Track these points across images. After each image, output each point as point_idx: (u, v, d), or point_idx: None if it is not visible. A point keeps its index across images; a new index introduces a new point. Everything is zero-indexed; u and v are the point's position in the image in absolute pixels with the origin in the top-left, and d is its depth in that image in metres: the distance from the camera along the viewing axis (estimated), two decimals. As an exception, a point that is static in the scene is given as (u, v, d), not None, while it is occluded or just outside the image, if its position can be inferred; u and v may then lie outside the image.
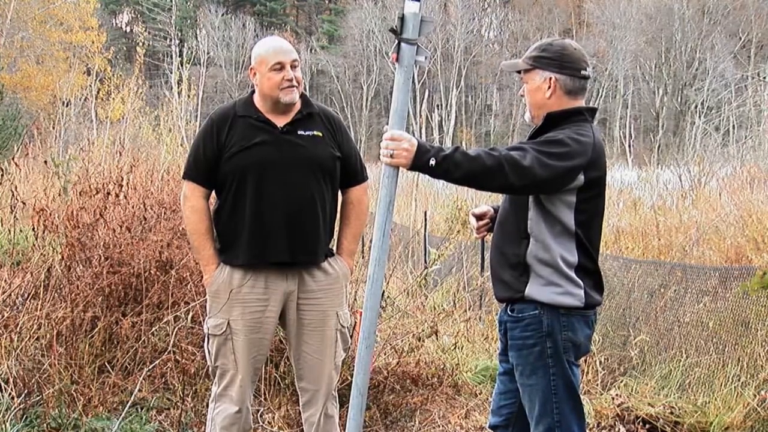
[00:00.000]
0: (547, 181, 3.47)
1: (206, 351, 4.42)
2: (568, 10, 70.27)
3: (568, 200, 3.59)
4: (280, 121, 4.28)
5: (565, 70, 3.72)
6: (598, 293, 3.73)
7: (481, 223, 4.08)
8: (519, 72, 3.84)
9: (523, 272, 3.65)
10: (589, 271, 3.66)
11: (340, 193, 4.53)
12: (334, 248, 4.54)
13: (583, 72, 3.74)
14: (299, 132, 4.29)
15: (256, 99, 4.34)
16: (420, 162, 3.40)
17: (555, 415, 3.67)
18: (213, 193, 4.40)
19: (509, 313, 3.75)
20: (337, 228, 4.61)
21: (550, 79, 3.70)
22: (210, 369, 4.45)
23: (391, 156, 3.43)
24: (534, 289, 3.62)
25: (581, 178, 3.57)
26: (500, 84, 63.03)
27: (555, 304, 3.60)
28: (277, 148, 4.23)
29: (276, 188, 4.20)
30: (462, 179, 3.46)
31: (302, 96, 4.34)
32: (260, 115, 4.28)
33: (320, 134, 4.33)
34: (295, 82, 4.24)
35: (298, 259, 4.28)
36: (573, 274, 3.61)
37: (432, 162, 3.39)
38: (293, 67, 4.25)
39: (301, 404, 4.53)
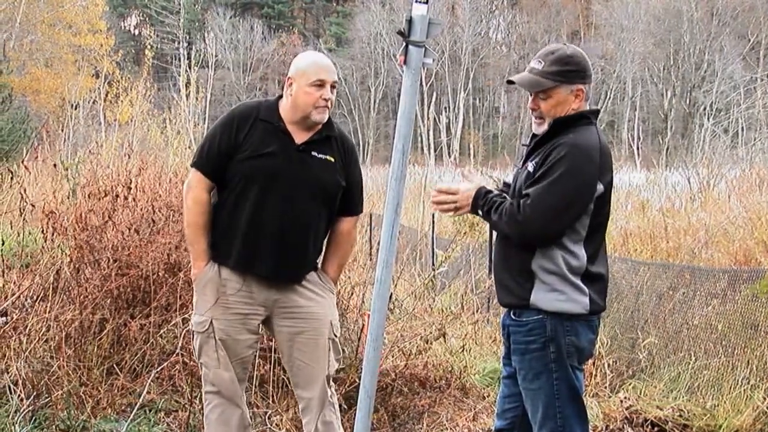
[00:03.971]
0: (549, 221, 3.56)
1: (192, 347, 4.43)
2: (576, 12, 70.23)
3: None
4: (300, 137, 4.24)
5: (588, 79, 3.72)
6: (602, 299, 3.71)
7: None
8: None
9: (527, 279, 3.63)
10: (595, 277, 3.64)
11: None
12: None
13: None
14: (313, 153, 4.25)
15: (282, 106, 4.29)
16: (473, 210, 3.76)
17: (558, 419, 3.66)
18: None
19: (512, 317, 3.74)
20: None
21: (579, 89, 3.69)
22: (198, 365, 4.46)
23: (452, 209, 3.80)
24: (538, 297, 3.61)
25: (600, 187, 3.60)
26: (508, 86, 62.95)
27: (559, 312, 3.59)
28: (288, 164, 4.20)
29: (276, 203, 4.18)
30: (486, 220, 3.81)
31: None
32: (281, 124, 4.24)
33: (332, 160, 4.30)
34: (329, 104, 4.22)
35: (279, 277, 4.26)
36: (579, 281, 3.59)
37: (480, 213, 3.73)
38: (332, 87, 4.23)
39: (300, 410, 4.52)
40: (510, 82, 3.83)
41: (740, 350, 6.43)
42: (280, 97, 4.34)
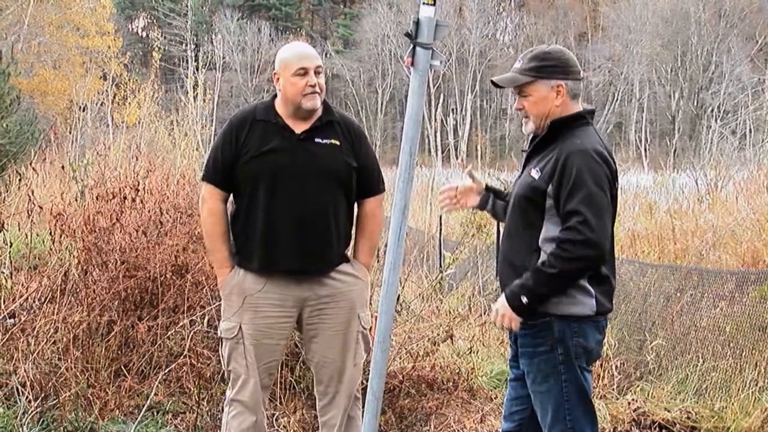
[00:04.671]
0: (604, 229, 3.51)
1: (220, 354, 4.44)
2: (584, 14, 70.11)
3: None
4: (299, 127, 4.26)
5: (570, 75, 3.70)
6: (608, 300, 3.70)
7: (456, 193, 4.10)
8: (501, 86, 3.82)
9: None
10: (601, 278, 3.63)
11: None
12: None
13: (581, 74, 3.75)
14: (316, 139, 4.26)
15: (278, 103, 4.32)
16: (520, 310, 3.59)
17: (568, 421, 3.65)
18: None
19: (519, 321, 3.73)
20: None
21: (558, 86, 3.68)
22: (225, 372, 4.46)
23: (510, 326, 3.66)
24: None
25: (616, 184, 3.62)
26: (513, 89, 62.77)
27: (566, 314, 3.58)
28: (291, 156, 4.22)
29: (287, 196, 4.19)
30: (552, 293, 3.57)
31: (324, 103, 4.32)
32: (279, 120, 4.27)
33: (338, 143, 4.30)
34: (318, 89, 4.23)
35: (308, 268, 4.26)
36: (584, 283, 3.58)
37: (525, 301, 3.56)
38: (317, 73, 4.23)
39: (318, 408, 4.50)
40: (494, 83, 3.84)
41: (748, 352, 6.41)
42: (276, 95, 4.37)
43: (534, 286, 3.53)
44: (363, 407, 4.02)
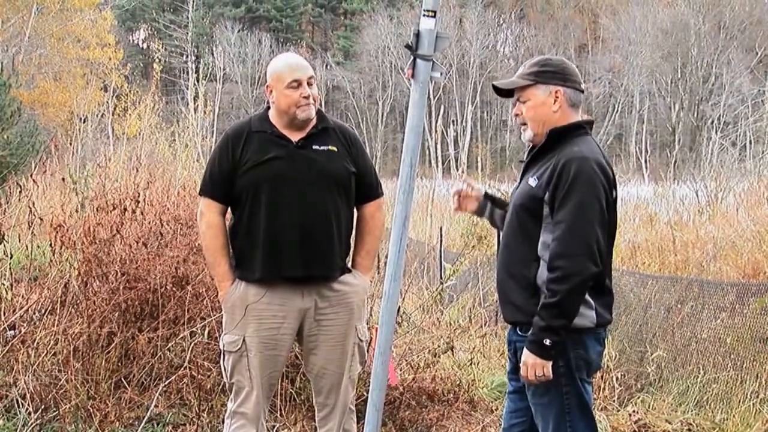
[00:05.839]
0: (598, 242, 3.49)
1: (222, 367, 4.43)
2: (584, 26, 70.25)
3: None
4: (295, 136, 4.28)
5: (569, 83, 3.71)
6: (608, 312, 3.68)
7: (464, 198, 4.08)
8: (506, 93, 3.82)
9: (533, 295, 3.59)
10: (601, 290, 3.61)
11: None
12: (349, 264, 4.52)
13: (582, 85, 3.76)
14: (314, 147, 4.28)
15: (272, 115, 4.34)
16: (546, 353, 3.50)
17: (569, 433, 3.65)
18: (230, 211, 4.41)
19: (519, 333, 3.71)
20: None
21: (557, 91, 3.68)
22: (227, 385, 4.46)
23: (543, 375, 3.54)
24: None
25: (614, 193, 3.61)
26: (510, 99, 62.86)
27: None
28: (291, 163, 4.23)
29: (289, 203, 4.20)
30: (569, 319, 3.50)
31: (318, 111, 4.34)
32: (275, 130, 4.28)
33: (335, 149, 4.32)
34: (311, 99, 4.25)
35: (313, 274, 4.26)
36: (585, 295, 3.57)
37: (548, 342, 3.47)
38: (309, 84, 4.26)
39: (317, 419, 4.51)
40: (494, 87, 3.85)
41: (749, 364, 6.40)
42: (269, 107, 4.38)
43: (548, 323, 3.47)
44: (363, 419, 4.01)
